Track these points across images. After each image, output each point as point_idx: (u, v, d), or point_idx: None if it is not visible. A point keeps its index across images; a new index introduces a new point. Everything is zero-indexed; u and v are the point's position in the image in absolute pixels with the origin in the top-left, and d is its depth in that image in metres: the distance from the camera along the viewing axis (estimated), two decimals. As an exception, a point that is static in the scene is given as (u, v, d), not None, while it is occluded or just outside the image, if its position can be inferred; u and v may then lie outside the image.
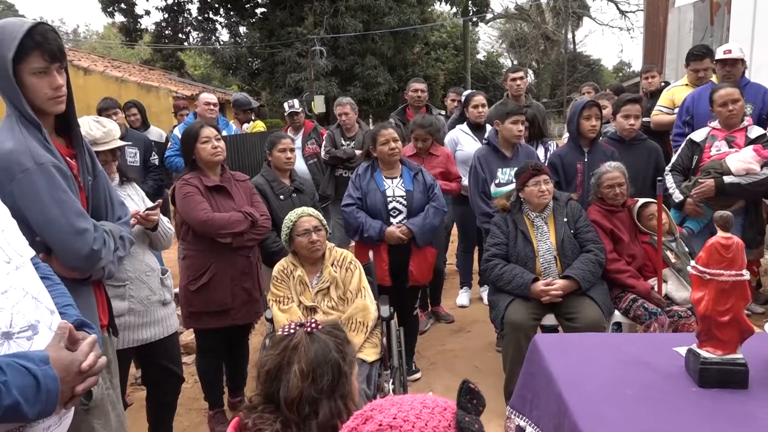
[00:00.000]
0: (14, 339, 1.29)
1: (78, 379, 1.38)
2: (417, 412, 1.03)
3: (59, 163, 1.94)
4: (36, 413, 1.25)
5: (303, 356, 1.54)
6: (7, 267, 1.35)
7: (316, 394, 1.51)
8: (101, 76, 13.06)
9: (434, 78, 22.17)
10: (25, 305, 1.35)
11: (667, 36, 8.71)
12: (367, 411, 1.08)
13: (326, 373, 1.53)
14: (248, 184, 3.58)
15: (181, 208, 3.26)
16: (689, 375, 1.83)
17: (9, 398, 1.18)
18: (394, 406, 1.06)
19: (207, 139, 3.29)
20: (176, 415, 3.25)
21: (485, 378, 3.95)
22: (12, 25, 1.85)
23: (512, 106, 4.31)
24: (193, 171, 3.36)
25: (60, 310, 1.50)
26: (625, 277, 3.52)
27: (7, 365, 1.20)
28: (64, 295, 1.60)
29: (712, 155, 3.98)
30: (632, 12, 31.47)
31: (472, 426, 1.02)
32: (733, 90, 3.98)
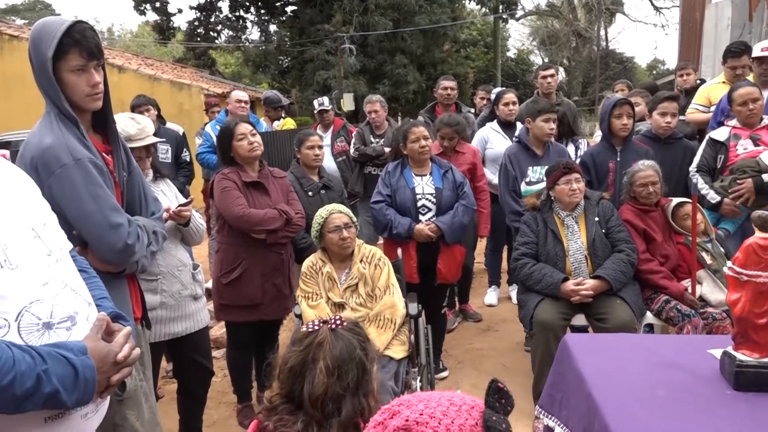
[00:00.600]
0: (54, 329, 1.33)
1: (113, 370, 1.42)
2: (444, 409, 1.03)
3: (96, 158, 1.99)
4: (74, 401, 1.29)
5: (328, 353, 1.54)
6: (48, 259, 1.39)
7: (341, 391, 1.51)
8: (135, 74, 13.27)
9: (464, 76, 22.03)
10: (64, 297, 1.39)
11: (704, 32, 8.52)
12: (394, 406, 1.08)
13: (351, 370, 1.53)
14: (286, 181, 3.62)
15: (219, 202, 3.31)
16: (724, 378, 1.79)
17: (50, 386, 1.22)
18: (422, 402, 1.06)
19: (243, 136, 3.33)
20: (206, 408, 3.29)
21: (513, 377, 3.92)
22: (52, 23, 1.90)
23: (544, 103, 4.27)
24: (233, 166, 3.40)
25: (96, 302, 1.54)
26: (657, 278, 3.46)
27: (48, 354, 1.25)
28: (99, 288, 1.64)
29: (739, 154, 3.88)
30: (667, 8, 30.88)
31: (499, 425, 1.01)
32: (753, 89, 3.91)
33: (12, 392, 1.17)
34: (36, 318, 1.30)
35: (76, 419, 1.37)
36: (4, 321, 1.24)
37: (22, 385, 1.18)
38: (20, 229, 1.35)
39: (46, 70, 1.88)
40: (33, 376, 1.20)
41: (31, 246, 1.36)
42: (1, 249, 1.27)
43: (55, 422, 1.32)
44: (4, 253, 1.27)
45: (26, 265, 1.31)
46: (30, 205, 1.45)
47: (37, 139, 1.93)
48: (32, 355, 1.22)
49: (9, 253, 1.28)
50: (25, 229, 1.37)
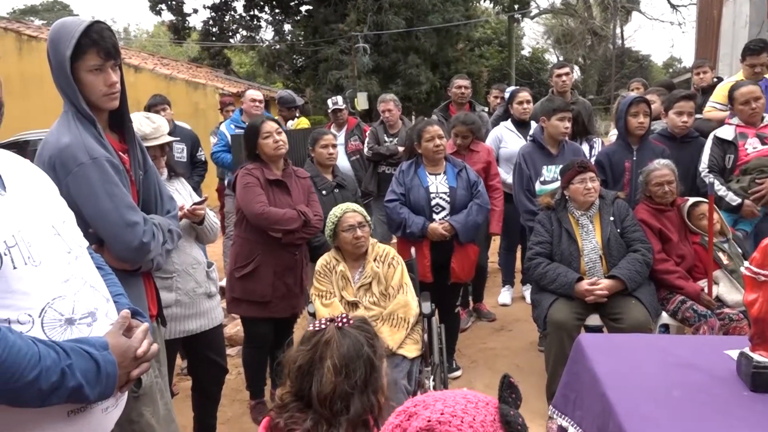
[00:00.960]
0: (76, 325, 1.37)
1: (133, 365, 1.45)
2: (463, 407, 1.03)
3: (112, 157, 2.01)
4: (96, 395, 1.33)
5: (335, 351, 1.54)
6: (68, 257, 1.42)
7: (349, 389, 1.51)
8: (151, 73, 13.38)
9: (478, 75, 21.94)
10: (84, 293, 1.42)
11: (721, 30, 8.43)
12: (410, 407, 1.07)
13: (359, 368, 1.53)
14: (308, 182, 3.63)
15: (240, 197, 3.34)
16: (741, 379, 1.77)
17: (74, 380, 1.26)
18: (438, 401, 1.06)
19: (268, 134, 3.36)
20: (220, 405, 3.32)
21: (527, 377, 3.91)
22: (70, 24, 1.92)
23: (559, 102, 4.24)
24: (257, 162, 3.43)
25: (113, 299, 1.57)
26: (673, 278, 3.43)
27: (71, 350, 1.28)
28: (115, 285, 1.67)
29: (749, 153, 3.83)
30: (684, 6, 30.54)
31: (517, 419, 1.02)
32: (754, 87, 3.88)
33: (38, 386, 1.21)
34: (59, 314, 1.33)
35: (97, 413, 1.40)
36: (29, 317, 1.28)
37: (48, 379, 1.21)
38: (42, 227, 1.39)
39: (64, 69, 1.90)
40: (58, 370, 1.23)
41: (52, 243, 1.39)
42: (25, 246, 1.30)
43: (78, 416, 1.35)
44: (27, 251, 1.30)
45: (48, 262, 1.35)
46: (49, 203, 1.49)
47: (55, 138, 1.95)
48: (56, 351, 1.25)
49: (32, 250, 1.32)
50: (46, 227, 1.40)
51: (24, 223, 1.33)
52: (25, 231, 1.32)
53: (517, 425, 1.01)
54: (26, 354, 1.19)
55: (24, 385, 1.19)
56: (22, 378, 1.18)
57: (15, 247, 1.28)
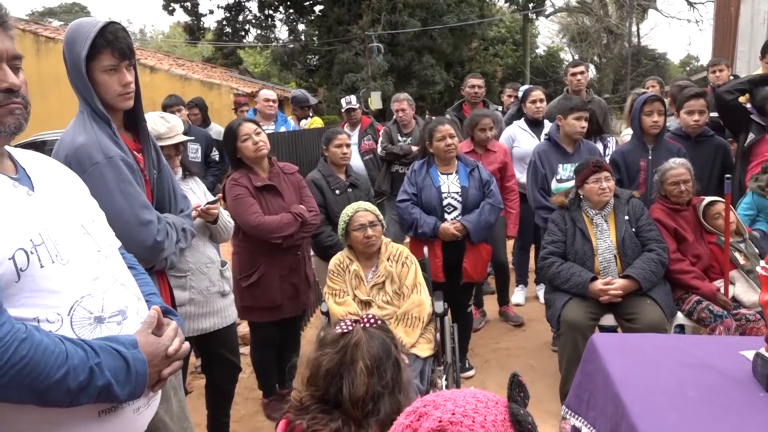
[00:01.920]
0: (105, 323, 1.36)
1: (164, 363, 1.44)
2: (473, 407, 1.03)
3: (127, 157, 2.03)
4: (126, 394, 1.32)
5: (366, 353, 1.53)
6: (97, 255, 1.42)
7: (381, 389, 1.50)
8: (166, 74, 13.51)
9: (492, 74, 21.89)
10: (114, 291, 1.42)
11: (739, 28, 8.32)
12: (419, 408, 1.06)
13: (389, 368, 1.53)
14: (297, 176, 3.58)
15: (233, 210, 3.27)
16: (757, 380, 1.75)
17: (102, 379, 1.25)
18: (449, 401, 1.05)
19: (246, 137, 3.28)
20: (233, 403, 3.33)
21: (540, 378, 3.89)
22: (86, 24, 1.94)
23: (576, 101, 4.21)
24: (241, 169, 3.35)
25: (145, 298, 1.57)
26: (689, 278, 3.39)
27: (100, 348, 1.28)
28: (148, 284, 1.67)
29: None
30: (702, 3, 30.22)
31: (527, 418, 1.01)
32: None
33: (66, 385, 1.20)
34: (88, 312, 1.33)
35: (128, 413, 1.39)
36: (57, 315, 1.27)
37: (76, 378, 1.21)
38: (70, 226, 1.39)
39: (79, 69, 1.93)
40: (86, 369, 1.23)
41: (80, 242, 1.39)
42: (53, 244, 1.31)
43: (109, 416, 1.35)
44: (55, 248, 1.31)
45: (77, 260, 1.35)
46: (79, 202, 1.50)
47: (71, 137, 1.97)
48: (85, 349, 1.25)
49: (60, 248, 1.32)
50: (75, 225, 1.41)
51: (51, 222, 1.33)
52: (52, 229, 1.32)
53: (527, 424, 1.01)
54: (53, 352, 1.19)
55: (51, 385, 1.18)
56: (49, 377, 1.17)
57: (42, 245, 1.28)
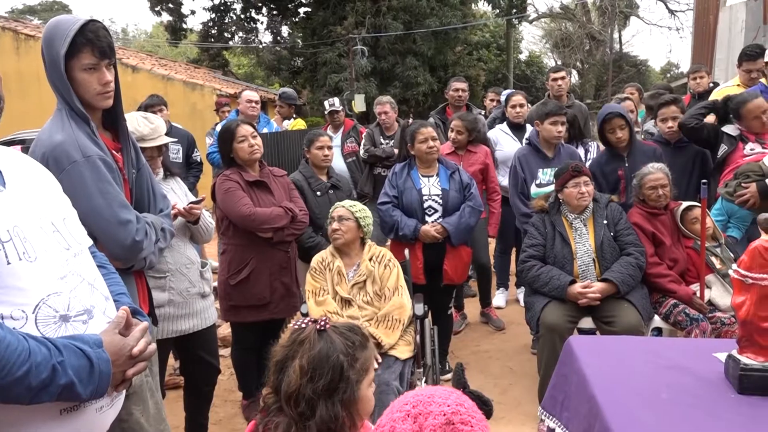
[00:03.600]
0: (71, 322, 1.35)
1: (129, 364, 1.43)
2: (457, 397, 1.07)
3: (105, 155, 2.01)
4: (89, 393, 1.31)
5: (306, 352, 1.50)
6: (66, 254, 1.41)
7: (311, 393, 1.45)
8: (148, 74, 13.37)
9: (475, 78, 21.99)
10: (81, 291, 1.41)
11: (717, 35, 8.47)
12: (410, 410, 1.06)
13: (325, 374, 1.46)
14: (286, 179, 3.64)
15: (223, 203, 3.32)
16: (729, 381, 1.78)
17: (65, 377, 1.24)
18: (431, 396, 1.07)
19: (243, 138, 3.34)
20: (212, 405, 3.31)
21: (519, 380, 3.92)
22: (65, 22, 1.92)
23: (552, 106, 4.26)
24: (233, 167, 3.42)
25: (114, 297, 1.56)
26: (666, 282, 3.44)
27: (64, 346, 1.27)
28: (118, 284, 1.66)
29: (746, 155, 3.85)
30: (682, 11, 30.63)
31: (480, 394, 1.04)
32: (761, 101, 3.86)
33: (27, 383, 1.19)
34: (53, 310, 1.32)
35: (91, 412, 1.38)
36: (22, 313, 1.27)
37: (38, 376, 1.20)
38: (40, 223, 1.38)
39: (58, 67, 1.91)
40: (48, 367, 1.22)
41: (50, 240, 1.38)
42: (21, 241, 1.30)
43: (71, 414, 1.34)
44: (23, 245, 1.30)
45: (45, 258, 1.34)
46: (50, 200, 1.48)
47: (48, 135, 1.96)
48: (48, 347, 1.24)
49: (28, 246, 1.31)
50: (45, 223, 1.40)
51: (21, 219, 1.32)
52: (21, 226, 1.31)
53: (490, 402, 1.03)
54: (16, 349, 1.18)
55: (13, 381, 1.17)
56: (11, 374, 1.17)
57: (9, 242, 1.27)
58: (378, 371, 2.91)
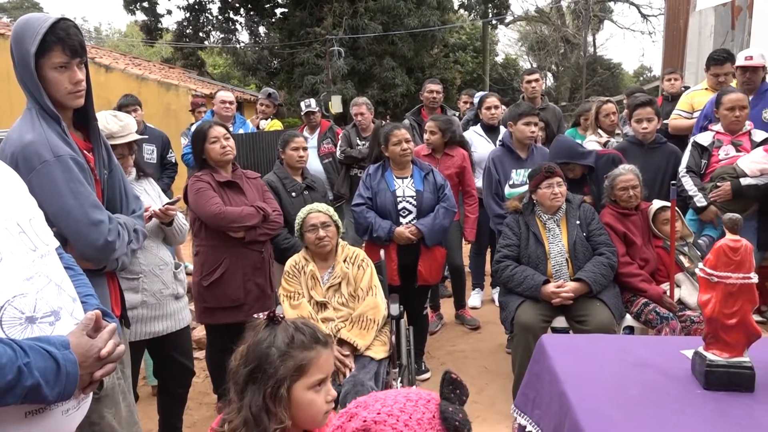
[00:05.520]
0: (37, 323, 1.34)
1: (96, 365, 1.42)
2: (401, 406, 1.05)
3: (77, 155, 1.99)
4: (56, 395, 1.29)
5: (250, 339, 1.55)
6: (32, 255, 1.39)
7: (241, 378, 1.50)
8: (122, 73, 13.21)
9: (452, 80, 22.12)
10: (48, 292, 1.39)
11: (688, 40, 8.63)
12: (351, 408, 1.09)
13: (251, 361, 1.50)
14: (259, 181, 3.63)
15: (194, 203, 3.30)
16: (695, 377, 1.82)
17: (31, 379, 1.23)
18: (378, 401, 1.07)
19: (215, 139, 3.33)
20: (187, 408, 3.29)
21: (494, 379, 3.96)
22: (35, 20, 1.90)
23: (525, 107, 4.31)
24: (205, 169, 3.40)
25: (81, 299, 1.54)
26: (637, 281, 3.50)
27: (30, 348, 1.25)
28: (86, 285, 1.64)
29: (721, 159, 3.96)
30: (654, 16, 31.14)
31: (456, 415, 1.03)
32: (742, 96, 4.00)
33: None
34: (19, 312, 1.30)
35: (57, 415, 1.37)
36: None
37: (3, 377, 1.18)
38: (5, 224, 1.36)
39: (28, 66, 1.88)
40: (14, 368, 1.20)
41: (15, 241, 1.37)
42: None
43: (36, 417, 1.32)
44: None
45: (10, 259, 1.32)
46: (15, 200, 1.46)
47: (18, 134, 1.93)
48: (14, 348, 1.22)
49: None
50: (10, 224, 1.38)
51: None
52: None
53: (454, 421, 1.03)
54: None
55: None
56: None
57: None
58: (353, 371, 2.93)
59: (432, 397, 1.09)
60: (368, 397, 1.12)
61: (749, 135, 4.04)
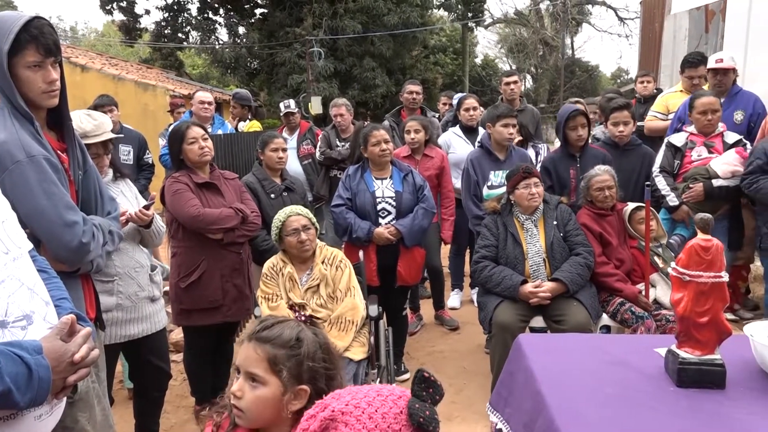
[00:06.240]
0: (9, 328, 1.32)
1: (70, 370, 1.39)
2: (370, 399, 1.07)
3: (50, 156, 1.96)
4: (27, 401, 1.27)
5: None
6: (4, 258, 1.37)
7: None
8: (98, 73, 13.06)
9: (432, 81, 22.21)
10: (20, 296, 1.37)
11: (663, 43, 8.76)
12: (326, 399, 1.12)
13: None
14: (237, 182, 3.61)
15: (171, 205, 3.27)
16: (668, 375, 1.85)
17: (1, 384, 1.20)
18: (350, 394, 1.10)
19: (194, 140, 3.30)
20: (164, 412, 3.26)
21: (473, 379, 3.98)
22: (9, 18, 1.87)
23: (503, 108, 4.34)
24: (182, 170, 3.37)
25: (55, 302, 1.52)
26: (613, 281, 3.54)
27: (0, 353, 1.23)
28: (59, 289, 1.62)
29: (693, 161, 4.04)
30: (631, 19, 31.56)
31: (421, 412, 1.04)
32: (714, 100, 4.08)
33: None
34: None
35: (29, 420, 1.35)
36: None
37: None
38: None
39: (1, 64, 1.85)
40: None
41: None
42: None
43: (8, 423, 1.30)
44: None
45: None
46: None
47: (-11, 134, 1.90)
48: None
49: None
50: None
51: None
52: None
53: (419, 417, 1.04)
54: None
55: None
56: None
57: None
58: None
59: (404, 394, 1.11)
60: (344, 389, 1.14)
61: (722, 137, 4.12)
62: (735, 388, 1.75)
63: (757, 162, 3.80)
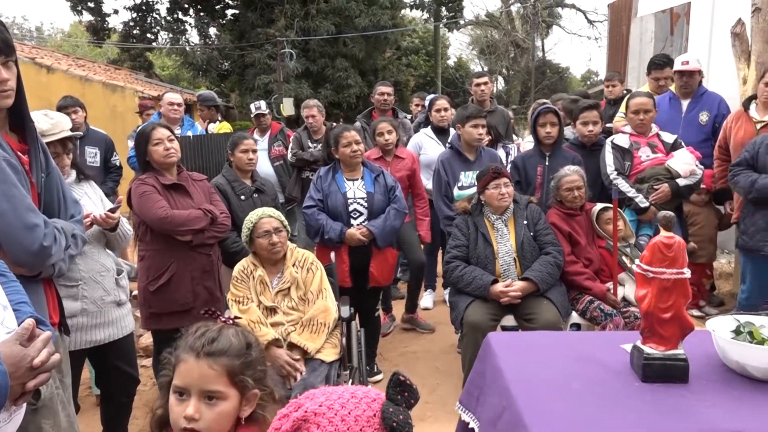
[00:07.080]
0: None
1: (29, 376, 1.36)
2: (344, 401, 1.06)
3: (10, 157, 1.91)
4: None
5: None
6: None
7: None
8: (65, 74, 12.79)
9: (405, 83, 22.26)
10: None
11: (630, 45, 8.91)
12: (300, 399, 1.11)
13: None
14: (206, 183, 3.56)
15: (138, 207, 3.21)
16: (634, 370, 1.88)
17: None
18: (324, 395, 1.09)
19: (159, 141, 3.25)
20: (133, 417, 3.21)
21: (446, 379, 3.99)
22: None
23: (472, 109, 4.38)
24: (149, 171, 3.32)
25: (14, 307, 1.48)
26: (582, 279, 3.59)
27: None
28: (18, 292, 1.58)
29: (642, 161, 4.11)
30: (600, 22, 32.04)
31: (395, 416, 1.04)
32: (647, 100, 4.17)
33: None
34: None
35: None
36: None
37: None
38: None
39: None
40: None
41: None
42: None
43: None
44: None
45: None
46: None
47: (-54, 137, 1.85)
48: None
49: None
50: None
51: None
52: None
53: (392, 421, 1.03)
54: None
55: None
56: None
57: None
58: (304, 375, 2.91)
59: (378, 397, 1.10)
60: (319, 390, 1.14)
61: (658, 136, 4.20)
62: (698, 382, 1.79)
63: (744, 155, 3.87)
